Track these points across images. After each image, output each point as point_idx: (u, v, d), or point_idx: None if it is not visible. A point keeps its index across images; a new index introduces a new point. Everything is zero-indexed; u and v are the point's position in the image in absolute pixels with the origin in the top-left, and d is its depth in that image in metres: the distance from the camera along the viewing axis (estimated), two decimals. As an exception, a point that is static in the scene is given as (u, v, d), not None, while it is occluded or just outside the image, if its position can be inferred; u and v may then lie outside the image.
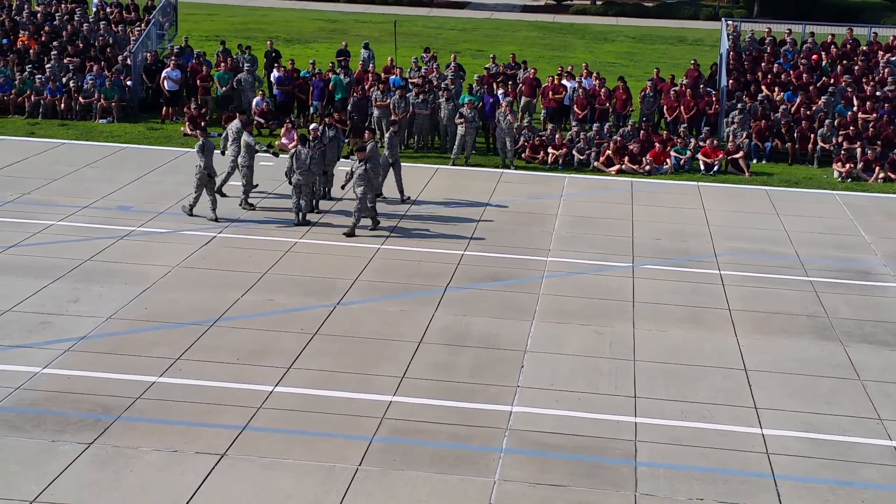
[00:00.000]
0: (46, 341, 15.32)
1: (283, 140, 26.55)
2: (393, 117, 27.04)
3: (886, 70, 31.58)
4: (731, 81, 30.85)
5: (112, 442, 12.67)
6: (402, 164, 23.33)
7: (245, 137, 21.87)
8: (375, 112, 27.70)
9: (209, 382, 14.30)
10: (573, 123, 28.92)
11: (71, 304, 16.72)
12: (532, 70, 31.05)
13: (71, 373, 14.39)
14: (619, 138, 27.29)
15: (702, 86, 30.75)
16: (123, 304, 16.78)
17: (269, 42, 35.07)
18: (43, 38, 32.69)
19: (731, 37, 33.35)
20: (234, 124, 22.32)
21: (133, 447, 12.58)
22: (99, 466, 12.18)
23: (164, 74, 30.46)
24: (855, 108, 29.61)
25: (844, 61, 32.27)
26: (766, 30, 34.56)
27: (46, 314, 16.28)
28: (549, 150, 27.18)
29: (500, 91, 28.77)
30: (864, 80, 31.16)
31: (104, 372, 14.43)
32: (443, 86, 28.52)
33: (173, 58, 31.14)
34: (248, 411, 13.56)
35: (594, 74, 31.16)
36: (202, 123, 26.86)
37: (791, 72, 31.55)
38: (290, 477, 12.14)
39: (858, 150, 27.56)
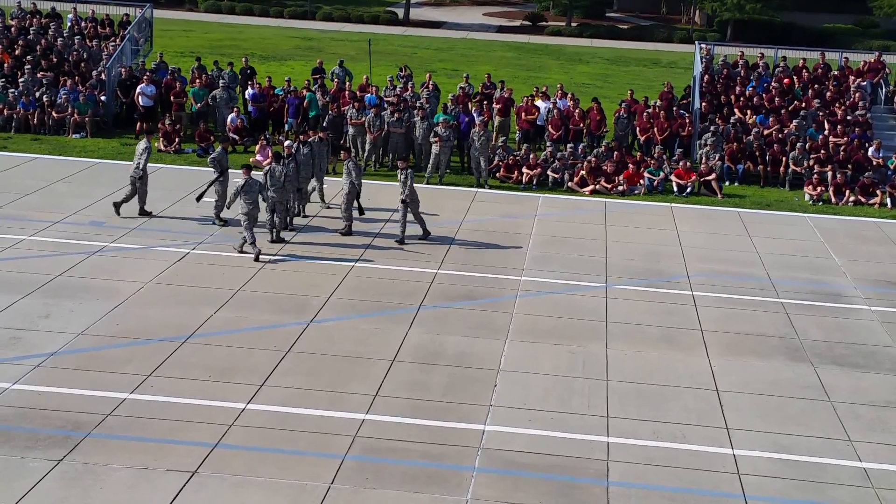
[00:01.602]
0: (16, 357, 15.19)
1: (258, 157, 26.52)
2: (368, 136, 27.15)
3: (857, 94, 31.92)
4: (704, 104, 31.09)
5: (82, 459, 12.58)
6: (380, 182, 23.28)
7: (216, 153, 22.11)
8: (351, 130, 27.75)
9: (180, 399, 14.21)
10: (548, 144, 29.04)
11: (42, 320, 16.59)
12: (508, 90, 31.18)
13: (41, 389, 14.27)
14: (593, 159, 27.43)
15: (675, 108, 30.98)
16: (95, 320, 16.67)
17: (244, 59, 35.01)
18: (17, 52, 32.51)
19: (704, 60, 33.64)
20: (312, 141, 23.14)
21: (103, 464, 12.49)
22: (68, 483, 12.08)
23: (138, 90, 30.38)
24: (826, 132, 29.91)
25: (816, 85, 32.65)
26: (739, 53, 34.90)
27: (17, 329, 16.14)
28: (524, 169, 27.27)
29: (475, 110, 28.86)
30: (835, 104, 31.49)
31: (74, 388, 14.32)
32: (418, 104, 28.59)
33: (148, 73, 31.04)
34: (220, 429, 13.49)
35: (569, 95, 31.32)
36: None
37: (763, 95, 31.85)
38: (261, 495, 12.08)
39: (829, 174, 27.81)
